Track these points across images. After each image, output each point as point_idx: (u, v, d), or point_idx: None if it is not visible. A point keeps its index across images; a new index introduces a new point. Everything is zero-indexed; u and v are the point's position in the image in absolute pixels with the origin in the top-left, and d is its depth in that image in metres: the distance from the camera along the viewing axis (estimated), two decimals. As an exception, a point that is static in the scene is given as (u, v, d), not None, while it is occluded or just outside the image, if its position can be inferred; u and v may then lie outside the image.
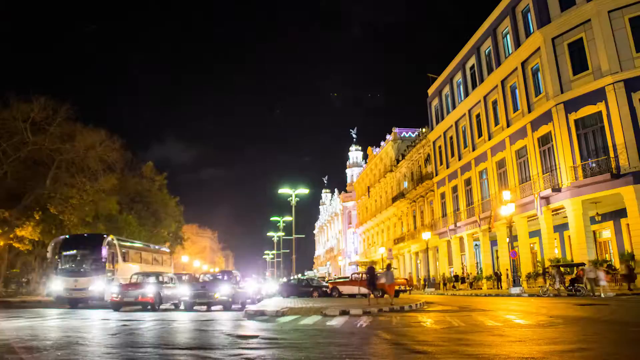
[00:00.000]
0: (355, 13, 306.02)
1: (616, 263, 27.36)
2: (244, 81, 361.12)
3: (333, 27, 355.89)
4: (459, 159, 43.95)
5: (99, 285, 24.32)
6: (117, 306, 20.44)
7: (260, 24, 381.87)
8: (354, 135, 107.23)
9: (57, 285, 24.65)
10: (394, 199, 62.21)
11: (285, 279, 52.27)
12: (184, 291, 21.20)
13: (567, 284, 25.51)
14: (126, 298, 20.38)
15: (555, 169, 29.73)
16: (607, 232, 31.30)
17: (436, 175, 49.31)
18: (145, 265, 30.42)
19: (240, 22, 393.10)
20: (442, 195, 47.92)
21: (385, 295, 20.36)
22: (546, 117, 30.56)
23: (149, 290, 20.52)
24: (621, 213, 27.98)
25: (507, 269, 33.64)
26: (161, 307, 21.40)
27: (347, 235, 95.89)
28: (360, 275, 32.27)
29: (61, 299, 24.52)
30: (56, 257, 25.96)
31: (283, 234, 71.93)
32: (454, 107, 45.54)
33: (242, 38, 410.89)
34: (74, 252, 26.00)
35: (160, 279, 22.42)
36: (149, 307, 20.49)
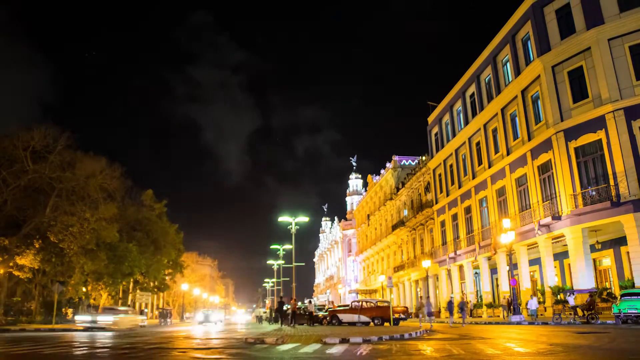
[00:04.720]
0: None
1: (616, 291, 27.18)
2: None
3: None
4: (459, 187, 43.96)
5: None
6: None
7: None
8: (354, 163, 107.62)
9: None
10: (394, 227, 62.10)
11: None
12: None
13: (580, 313, 25.22)
14: None
15: (555, 197, 29.71)
16: (607, 260, 31.20)
17: (436, 203, 49.26)
18: None
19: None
20: (442, 223, 47.81)
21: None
22: (546, 145, 30.65)
23: None
24: (621, 241, 27.93)
25: (508, 296, 33.40)
26: None
27: (347, 263, 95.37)
28: (361, 303, 32.12)
29: None
30: None
31: (283, 262, 71.60)
32: (454, 135, 45.67)
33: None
34: None
35: None
36: None
